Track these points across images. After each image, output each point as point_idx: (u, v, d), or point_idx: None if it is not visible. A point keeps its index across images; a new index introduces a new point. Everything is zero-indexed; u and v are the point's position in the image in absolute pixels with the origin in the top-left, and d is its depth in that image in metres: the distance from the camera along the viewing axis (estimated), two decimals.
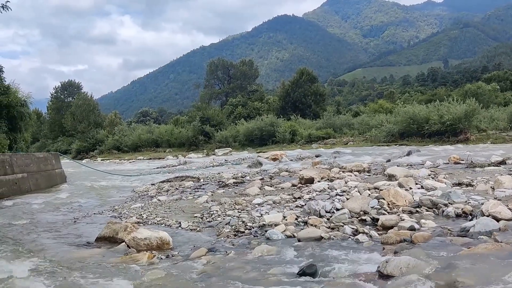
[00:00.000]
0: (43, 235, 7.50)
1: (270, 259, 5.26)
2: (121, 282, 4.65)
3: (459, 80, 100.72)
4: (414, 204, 7.19)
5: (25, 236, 7.43)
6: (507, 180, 8.23)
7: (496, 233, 5.53)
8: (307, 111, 56.49)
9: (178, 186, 12.60)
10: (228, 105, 68.04)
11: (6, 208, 10.95)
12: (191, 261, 5.41)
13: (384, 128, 36.95)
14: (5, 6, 9.35)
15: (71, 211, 10.07)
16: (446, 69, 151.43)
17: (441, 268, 4.49)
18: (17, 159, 15.11)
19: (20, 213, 10.07)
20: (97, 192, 13.90)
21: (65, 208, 10.53)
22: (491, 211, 6.25)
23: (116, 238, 6.42)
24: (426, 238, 5.62)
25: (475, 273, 4.21)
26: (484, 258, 4.70)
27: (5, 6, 9.35)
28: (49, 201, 12.15)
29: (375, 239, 5.81)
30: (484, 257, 4.74)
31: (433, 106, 35.24)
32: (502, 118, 35.04)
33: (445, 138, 31.44)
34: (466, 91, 53.75)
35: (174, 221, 7.69)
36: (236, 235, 6.56)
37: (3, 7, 9.35)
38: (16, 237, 7.40)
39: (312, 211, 7.16)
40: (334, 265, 4.87)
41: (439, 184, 8.65)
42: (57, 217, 9.25)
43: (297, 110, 55.06)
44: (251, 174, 15.15)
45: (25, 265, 5.48)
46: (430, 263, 4.59)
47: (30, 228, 8.17)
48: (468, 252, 4.93)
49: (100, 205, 10.80)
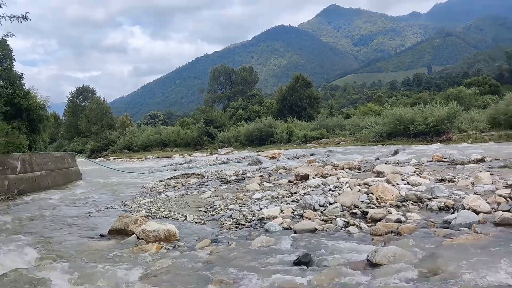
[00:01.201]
0: (61, 227, 7.50)
1: (269, 249, 5.26)
2: (132, 270, 4.65)
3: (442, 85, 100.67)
4: (401, 198, 7.19)
5: (44, 229, 7.43)
6: (486, 176, 8.24)
7: (475, 225, 5.54)
8: (302, 113, 56.46)
9: (184, 183, 12.60)
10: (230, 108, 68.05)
11: (27, 203, 10.95)
12: (196, 251, 5.42)
13: (373, 129, 37.12)
14: (24, 17, 9.32)
15: (86, 205, 10.08)
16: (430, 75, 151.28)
17: (425, 257, 4.50)
18: (36, 158, 15.11)
19: (39, 207, 10.07)
20: (110, 188, 13.91)
21: (80, 203, 10.54)
22: (471, 205, 6.26)
23: (127, 230, 6.43)
24: (412, 229, 5.62)
25: (456, 262, 4.21)
26: (464, 248, 4.71)
27: (25, 17, 9.32)
28: (65, 196, 12.16)
29: (364, 231, 5.82)
30: (464, 247, 4.75)
31: (418, 108, 35.31)
32: (481, 120, 35.09)
33: (429, 138, 31.47)
34: (448, 95, 53.78)
35: (180, 214, 7.69)
36: (237, 227, 6.57)
37: (22, 18, 9.32)
38: (36, 229, 7.40)
39: (307, 205, 7.16)
40: (327, 255, 4.88)
41: (423, 180, 8.66)
42: (73, 211, 9.26)
43: (293, 113, 55.05)
44: (251, 171, 15.15)
45: (45, 254, 5.50)
46: (415, 253, 4.60)
47: (48, 221, 8.18)
48: (450, 243, 4.93)
49: (113, 200, 10.80)
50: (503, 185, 7.58)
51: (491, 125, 33.59)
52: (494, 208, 6.23)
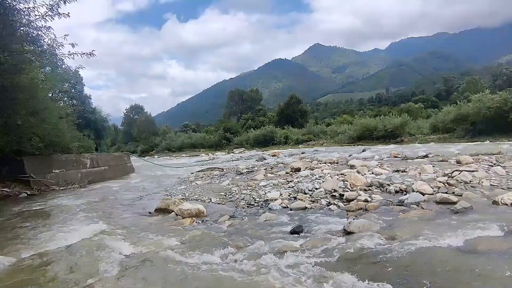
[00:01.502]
0: (120, 207, 7.56)
1: (272, 222, 5.29)
2: (172, 238, 4.70)
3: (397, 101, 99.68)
4: (368, 184, 7.18)
5: (108, 208, 7.49)
6: (429, 168, 8.25)
7: (422, 203, 5.56)
8: (295, 123, 56.09)
9: (209, 174, 12.62)
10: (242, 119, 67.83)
11: (95, 190, 11.03)
12: (219, 224, 5.46)
13: (346, 134, 37.19)
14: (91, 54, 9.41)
15: (138, 191, 10.13)
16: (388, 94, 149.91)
17: (385, 226, 4.52)
18: (101, 157, 15.22)
19: (104, 193, 10.16)
20: (155, 179, 13.95)
21: (134, 190, 10.59)
22: (419, 189, 6.27)
23: (168, 209, 6.47)
24: (376, 207, 5.64)
25: (408, 230, 4.23)
26: (414, 220, 4.73)
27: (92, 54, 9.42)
28: (123, 185, 12.22)
29: (341, 208, 5.83)
30: (414, 219, 4.78)
31: (379, 119, 35.52)
32: (425, 127, 35.03)
33: (387, 140, 31.49)
34: (401, 109, 53.51)
35: (206, 197, 7.72)
36: (248, 206, 6.59)
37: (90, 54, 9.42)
38: (102, 208, 7.46)
39: (300, 190, 7.17)
40: (314, 226, 4.91)
41: (384, 171, 8.65)
42: (129, 195, 9.31)
43: (289, 122, 54.85)
44: (258, 166, 15.10)
45: (108, 227, 5.55)
46: (378, 224, 4.62)
47: (111, 203, 8.25)
48: (404, 216, 4.95)
49: (157, 187, 10.84)
50: (441, 174, 7.58)
51: (432, 131, 33.51)
52: (435, 190, 6.23)
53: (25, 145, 10.95)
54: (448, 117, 32.17)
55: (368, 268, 3.35)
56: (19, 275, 3.69)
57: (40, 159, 11.54)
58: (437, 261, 3.32)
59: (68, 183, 11.93)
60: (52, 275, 3.61)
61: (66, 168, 12.41)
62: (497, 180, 6.82)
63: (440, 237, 3.90)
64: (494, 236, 3.91)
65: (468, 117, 29.08)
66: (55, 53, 9.54)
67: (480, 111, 27.50)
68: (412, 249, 3.60)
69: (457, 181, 6.78)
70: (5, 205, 8.38)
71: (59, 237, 5.10)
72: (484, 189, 6.19)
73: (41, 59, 10.73)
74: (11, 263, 4.07)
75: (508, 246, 3.60)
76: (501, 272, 3.00)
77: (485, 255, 3.40)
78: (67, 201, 8.66)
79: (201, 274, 3.38)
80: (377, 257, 3.55)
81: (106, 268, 3.66)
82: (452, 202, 5.42)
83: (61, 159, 12.38)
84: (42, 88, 12.40)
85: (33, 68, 11.11)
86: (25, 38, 8.68)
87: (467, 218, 4.57)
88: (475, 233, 3.99)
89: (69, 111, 17.39)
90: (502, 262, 3.18)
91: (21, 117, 9.89)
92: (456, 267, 3.18)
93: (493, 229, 4.09)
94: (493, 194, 5.72)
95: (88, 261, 3.88)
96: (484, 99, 28.39)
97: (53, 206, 8.06)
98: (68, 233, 5.28)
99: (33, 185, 10.66)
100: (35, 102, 11.05)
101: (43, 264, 3.94)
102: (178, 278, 3.33)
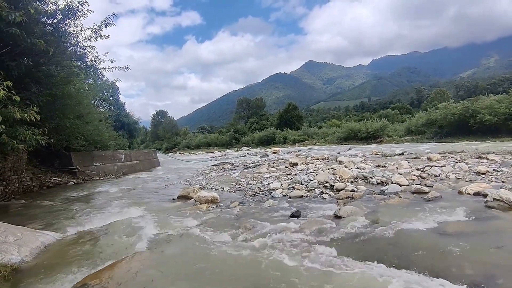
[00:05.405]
0: (148, 194, 7.55)
1: (274, 208, 5.25)
2: (191, 220, 4.69)
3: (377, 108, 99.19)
4: (354, 177, 7.13)
5: (139, 195, 7.49)
6: (405, 163, 8.17)
7: (400, 193, 5.51)
8: (292, 126, 55.94)
9: (221, 168, 12.60)
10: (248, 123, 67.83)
11: (128, 180, 11.05)
12: (230, 209, 5.42)
13: (335, 135, 37.04)
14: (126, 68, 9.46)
15: (163, 181, 10.14)
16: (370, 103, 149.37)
17: (369, 212, 4.47)
18: (133, 153, 15.25)
19: (135, 182, 10.16)
20: (177, 171, 13.96)
21: (160, 180, 10.60)
22: (396, 181, 6.22)
23: (188, 196, 6.45)
24: (361, 196, 5.59)
25: (389, 215, 4.18)
26: (393, 207, 4.68)
27: (126, 68, 9.47)
28: (151, 176, 12.23)
29: (332, 197, 5.78)
30: (393, 206, 4.72)
31: (362, 123, 35.36)
32: (401, 130, 34.92)
33: (370, 141, 31.35)
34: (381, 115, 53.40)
35: (220, 187, 7.69)
36: (254, 194, 6.55)
37: (125, 68, 9.48)
38: (133, 195, 7.47)
39: (297, 181, 7.13)
40: (310, 211, 4.87)
41: (367, 166, 8.58)
42: (155, 185, 9.32)
43: (287, 125, 54.82)
44: (262, 161, 15.09)
45: (139, 210, 5.55)
46: (363, 210, 4.57)
47: (140, 191, 8.25)
48: (385, 203, 4.90)
49: (179, 178, 10.84)
50: (415, 169, 7.51)
51: (406, 133, 33.47)
52: (411, 182, 6.18)
53: (72, 143, 11.18)
54: (420, 121, 32.09)
55: (355, 245, 3.36)
56: (65, 247, 3.74)
57: (84, 154, 11.61)
58: (416, 240, 3.30)
59: (106, 174, 11.99)
60: (91, 248, 3.62)
61: (105, 161, 12.45)
62: (461, 174, 6.77)
63: (416, 221, 3.87)
64: (460, 221, 3.89)
65: (437, 121, 29.02)
66: (97, 67, 9.59)
67: (446, 117, 27.51)
68: (394, 231, 3.58)
69: (428, 175, 6.73)
70: (57, 191, 8.47)
71: (99, 217, 5.13)
72: (451, 182, 6.15)
73: (86, 72, 10.88)
74: (60, 237, 4.12)
75: (472, 228, 3.61)
76: (468, 249, 3.04)
77: (454, 235, 3.39)
78: (105, 189, 8.68)
79: (216, 249, 3.36)
80: (363, 236, 3.53)
81: (138, 243, 3.66)
82: (425, 192, 5.37)
83: (101, 154, 12.42)
84: (86, 96, 12.66)
85: (79, 80, 11.34)
86: (73, 55, 8.78)
87: (438, 206, 4.52)
88: (444, 218, 3.98)
89: (107, 115, 17.48)
90: (468, 241, 3.19)
91: (70, 120, 10.11)
92: (432, 245, 3.18)
93: (459, 215, 4.08)
94: (458, 186, 5.68)
95: (123, 238, 3.88)
96: (449, 106, 28.44)
97: (94, 193, 8.10)
98: (106, 215, 5.31)
99: (79, 175, 10.83)
100: (80, 107, 11.39)
101: (85, 239, 3.96)
102: (197, 252, 3.33)
